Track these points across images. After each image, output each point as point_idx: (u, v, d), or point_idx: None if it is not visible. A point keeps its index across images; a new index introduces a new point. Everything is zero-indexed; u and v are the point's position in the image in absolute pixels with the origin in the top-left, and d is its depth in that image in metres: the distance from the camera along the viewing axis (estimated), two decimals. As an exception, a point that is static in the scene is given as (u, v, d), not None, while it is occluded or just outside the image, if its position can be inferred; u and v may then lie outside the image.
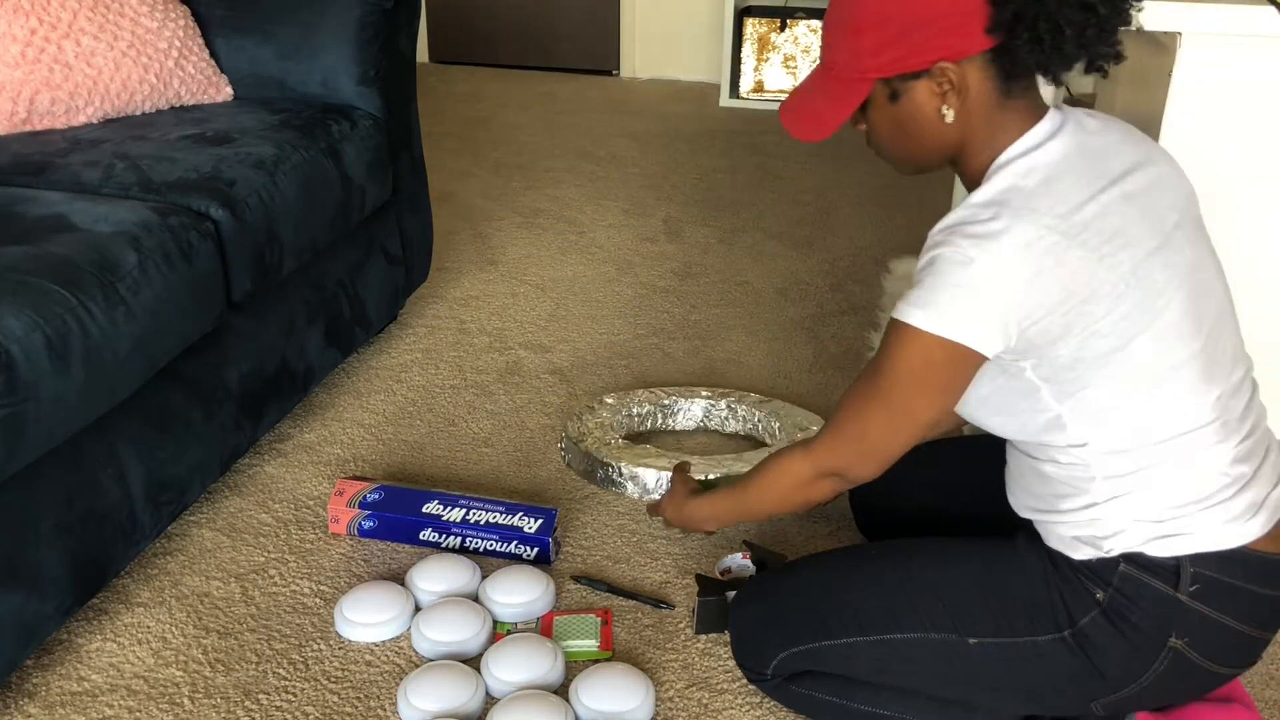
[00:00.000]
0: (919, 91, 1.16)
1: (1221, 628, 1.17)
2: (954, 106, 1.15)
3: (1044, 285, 1.09)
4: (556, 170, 3.48)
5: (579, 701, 1.41)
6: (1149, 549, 1.16)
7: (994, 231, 1.09)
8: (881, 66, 1.15)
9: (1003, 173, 1.14)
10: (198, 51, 2.11)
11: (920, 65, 1.14)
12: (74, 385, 1.39)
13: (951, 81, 1.13)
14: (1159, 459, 1.15)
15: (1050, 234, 1.09)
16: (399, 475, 1.93)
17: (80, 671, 1.50)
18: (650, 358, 2.34)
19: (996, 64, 1.13)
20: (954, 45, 1.12)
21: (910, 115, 1.18)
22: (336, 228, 2.02)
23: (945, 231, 1.13)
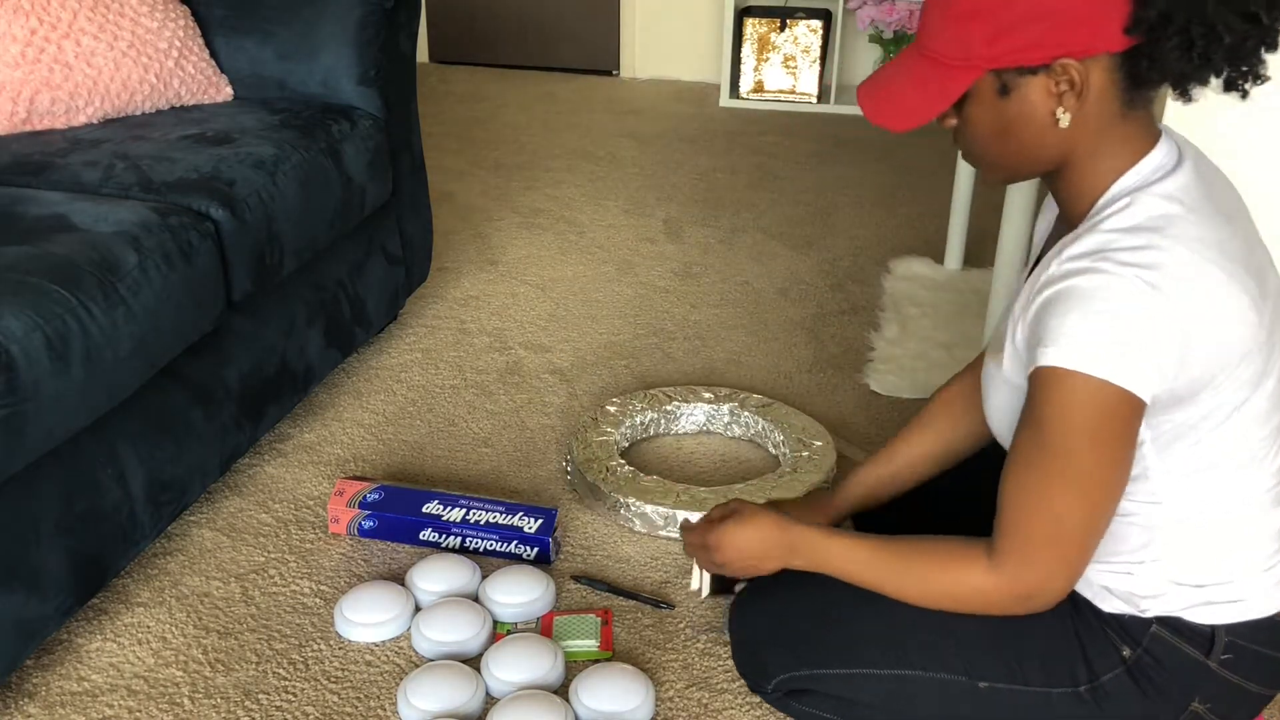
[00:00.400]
0: (1033, 89, 1.03)
1: (1244, 693, 1.16)
2: (1072, 110, 1.02)
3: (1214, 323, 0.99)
4: (556, 170, 3.48)
5: (579, 701, 1.41)
6: (1187, 615, 1.13)
7: (1154, 262, 0.97)
8: (996, 56, 1.01)
9: (1146, 198, 1.02)
10: (198, 51, 2.11)
11: (1041, 59, 1.00)
12: (74, 385, 1.39)
13: (1073, 81, 1.01)
14: (1220, 522, 1.11)
15: (1218, 269, 0.99)
16: (399, 475, 1.93)
17: (80, 671, 1.50)
18: (650, 358, 2.34)
19: (1126, 68, 1.01)
20: (1083, 41, 0.99)
21: (1019, 114, 1.05)
22: (336, 228, 2.02)
23: (1087, 256, 1.00)
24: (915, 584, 1.17)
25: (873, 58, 4.33)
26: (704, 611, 1.62)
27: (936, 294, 2.59)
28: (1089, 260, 1.00)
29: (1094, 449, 1.02)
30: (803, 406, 2.14)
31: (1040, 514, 1.05)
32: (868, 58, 4.36)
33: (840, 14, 4.11)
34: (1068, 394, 1.00)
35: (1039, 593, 1.09)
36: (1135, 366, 0.98)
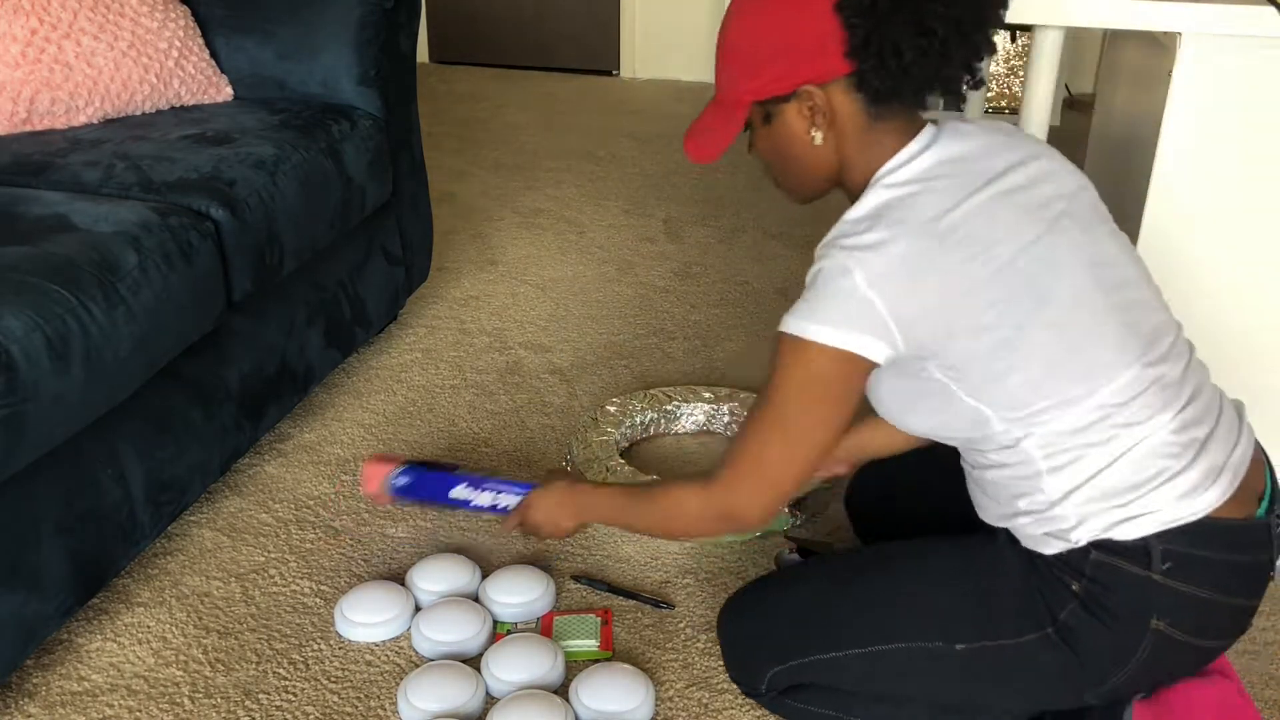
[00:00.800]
0: (789, 114, 1.21)
1: (1201, 602, 1.16)
2: (822, 128, 1.20)
3: (920, 290, 1.12)
4: (556, 170, 3.48)
5: (579, 701, 1.41)
6: (1115, 533, 1.16)
7: (869, 243, 1.13)
8: (754, 90, 1.21)
9: (875, 189, 1.17)
10: (198, 51, 2.11)
11: (786, 89, 1.19)
12: (74, 385, 1.39)
13: (816, 104, 1.18)
14: (1098, 440, 1.15)
15: (920, 241, 1.12)
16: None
17: (80, 671, 1.50)
18: (650, 358, 2.34)
19: (860, 84, 1.16)
20: (816, 70, 1.16)
21: (784, 137, 1.23)
22: (336, 228, 2.02)
23: (825, 246, 1.17)
24: (652, 515, 1.35)
25: (873, 58, 4.32)
26: (704, 611, 1.62)
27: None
28: (823, 247, 1.17)
29: (801, 401, 1.18)
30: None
31: (748, 449, 1.22)
32: (868, 58, 4.36)
33: (840, 14, 4.10)
34: (789, 356, 1.17)
35: (736, 514, 1.25)
36: (846, 332, 1.13)
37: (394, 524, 1.80)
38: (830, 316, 1.13)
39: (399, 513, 1.83)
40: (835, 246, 1.15)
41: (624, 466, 1.86)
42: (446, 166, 3.49)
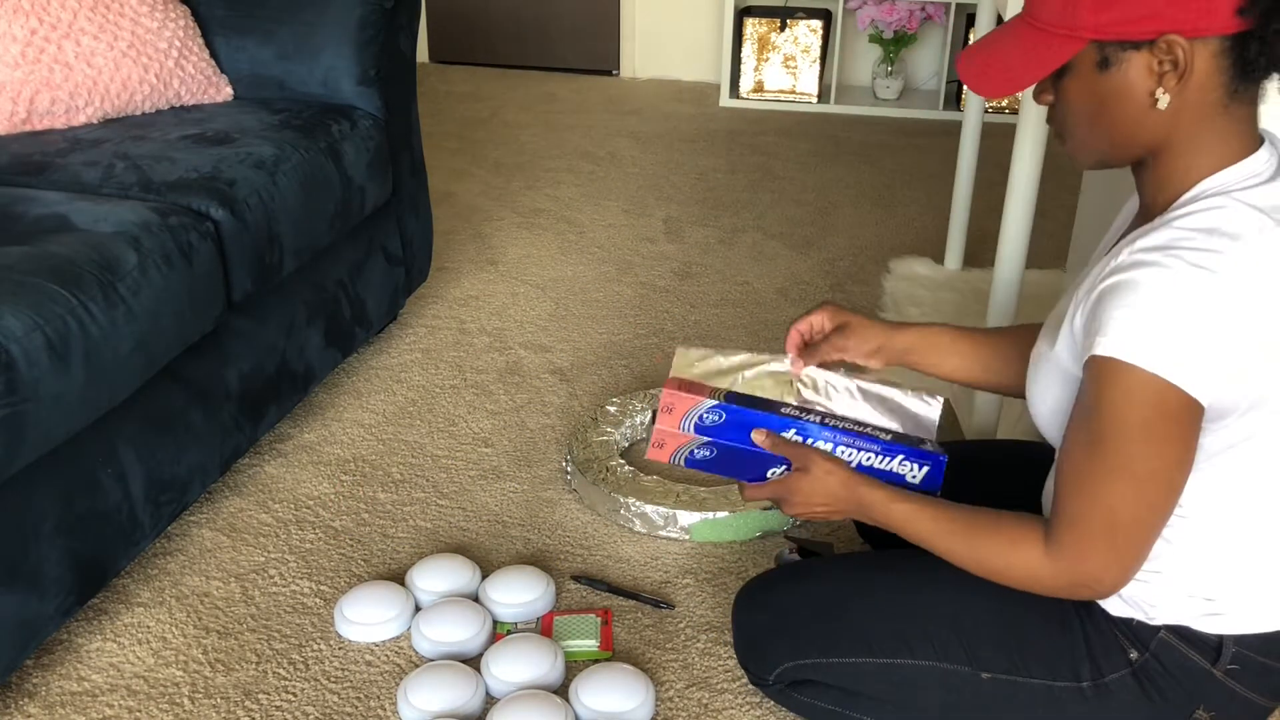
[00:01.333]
0: (1135, 65, 0.99)
1: (1248, 704, 1.16)
2: (1171, 91, 0.99)
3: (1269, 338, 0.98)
4: (556, 170, 3.48)
5: (579, 701, 1.41)
6: (1196, 624, 1.13)
7: (1222, 266, 0.95)
8: (1100, 26, 0.99)
9: (1233, 204, 0.99)
10: (198, 51, 2.11)
11: (1146, 34, 0.97)
12: (74, 385, 1.39)
13: (1177, 60, 0.97)
14: (1243, 539, 1.11)
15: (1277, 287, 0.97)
16: (393, 478, 1.93)
17: (80, 671, 1.50)
18: (650, 358, 2.34)
19: (1234, 55, 0.97)
20: (1193, 18, 0.95)
21: (1117, 91, 1.01)
22: (336, 228, 2.02)
23: (1155, 251, 0.97)
24: (971, 555, 1.15)
25: (873, 58, 4.33)
26: (704, 611, 1.62)
27: (936, 294, 2.59)
28: (1157, 254, 0.97)
29: (1148, 443, 1.00)
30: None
31: (1096, 506, 1.03)
32: (868, 58, 4.36)
33: (840, 14, 4.11)
34: (1120, 386, 0.98)
35: (1092, 583, 1.08)
36: (1188, 363, 0.96)
37: (394, 524, 1.81)
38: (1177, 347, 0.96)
39: (399, 512, 1.83)
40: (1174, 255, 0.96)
41: (624, 466, 1.86)
42: (446, 166, 3.49)
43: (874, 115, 4.14)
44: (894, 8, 4.02)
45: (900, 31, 4.08)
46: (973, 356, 1.40)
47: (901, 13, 4.02)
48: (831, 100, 4.18)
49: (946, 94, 4.19)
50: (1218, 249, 0.97)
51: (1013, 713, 1.23)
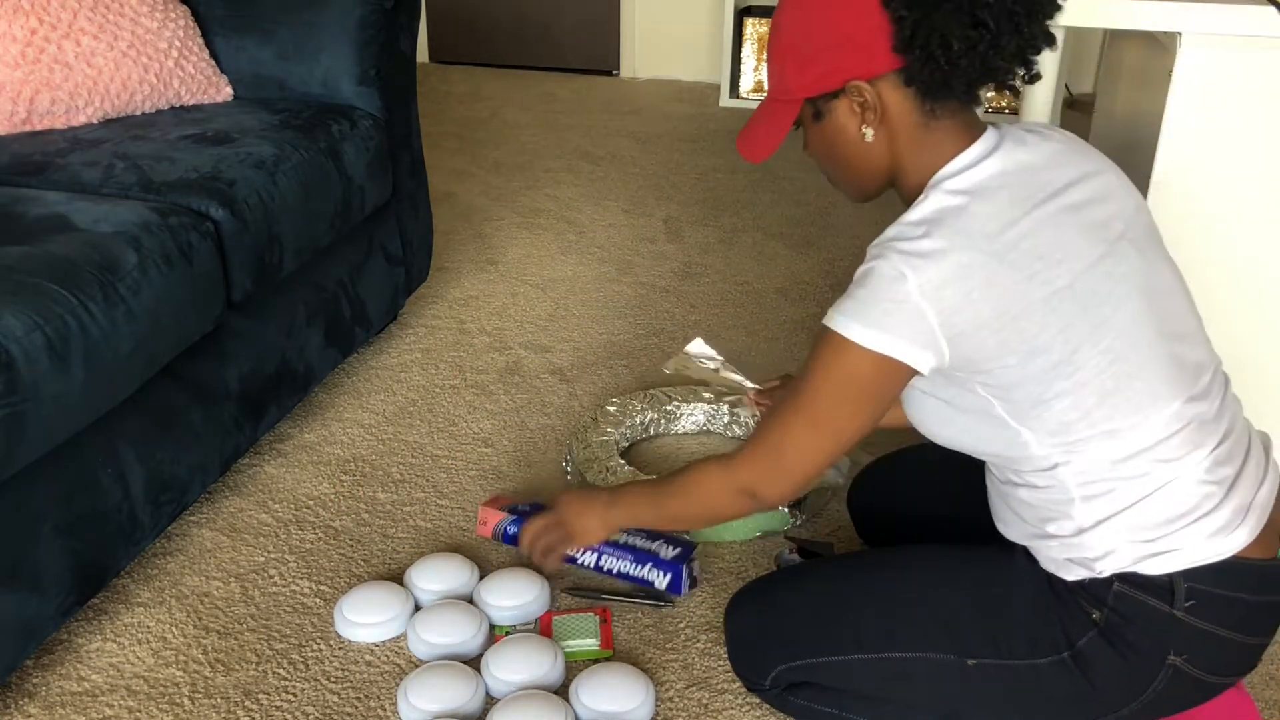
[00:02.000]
0: (840, 110, 1.19)
1: (1219, 640, 1.16)
2: (873, 125, 1.18)
3: (974, 305, 1.09)
4: (556, 170, 3.48)
5: (579, 701, 1.41)
6: (1141, 567, 1.15)
7: (924, 250, 1.10)
8: (805, 86, 1.19)
9: (935, 192, 1.14)
10: (198, 51, 2.11)
11: (835, 85, 1.17)
12: (74, 385, 1.39)
13: (866, 100, 1.16)
14: (1134, 474, 1.14)
15: (979, 254, 1.09)
16: (393, 478, 1.93)
17: (80, 671, 1.50)
18: (650, 358, 2.34)
19: (910, 81, 1.14)
20: (863, 64, 1.15)
21: (835, 134, 1.21)
22: (336, 228, 2.02)
23: (879, 246, 1.14)
24: (677, 499, 1.35)
25: (873, 58, 4.33)
26: (704, 611, 1.62)
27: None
28: (876, 246, 1.14)
29: (835, 398, 1.16)
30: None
31: (774, 431, 1.22)
32: (868, 58, 4.36)
33: (840, 14, 4.11)
34: (831, 353, 1.15)
35: (754, 490, 1.25)
36: (892, 339, 1.10)
37: (394, 524, 1.81)
38: (878, 321, 1.11)
39: (399, 512, 1.83)
40: (890, 248, 1.12)
41: (624, 467, 1.85)
42: (446, 166, 3.49)
43: (874, 115, 4.13)
44: (894, 8, 4.02)
45: (900, 31, 4.08)
46: None
47: (901, 13, 4.02)
48: (831, 100, 4.17)
49: (946, 94, 4.19)
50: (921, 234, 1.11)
51: (1004, 697, 1.24)
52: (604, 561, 1.65)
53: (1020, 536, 1.25)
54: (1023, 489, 1.21)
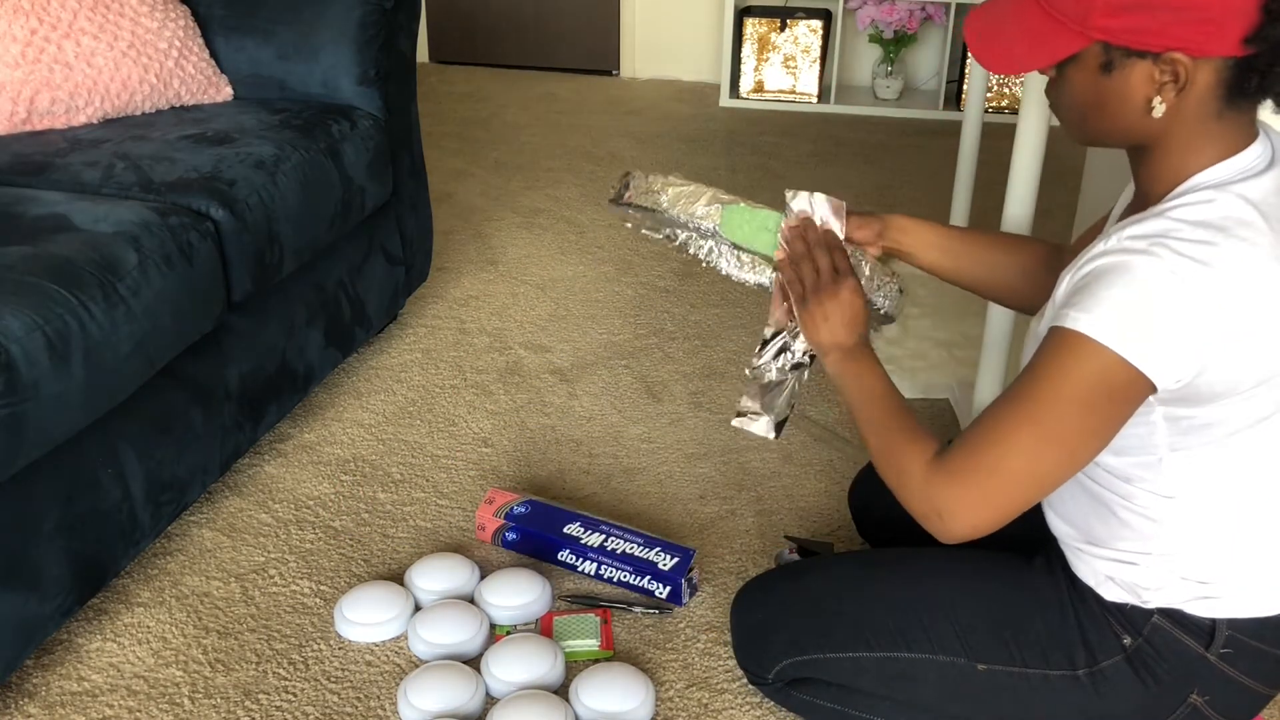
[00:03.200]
0: (1137, 72, 1.01)
1: (1243, 689, 1.16)
2: (1169, 102, 1.02)
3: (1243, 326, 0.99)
4: (556, 170, 3.48)
5: (579, 701, 1.41)
6: (1189, 607, 1.14)
7: (1210, 258, 0.97)
8: (1111, 30, 1.00)
9: (1226, 196, 1.01)
10: (198, 51, 2.11)
11: (1154, 47, 0.99)
12: (74, 385, 1.39)
13: (1178, 76, 1.00)
14: (1235, 521, 1.12)
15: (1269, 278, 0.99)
16: (393, 478, 1.93)
17: (80, 671, 1.50)
18: (650, 358, 2.34)
19: (1234, 76, 1.00)
20: (1202, 40, 0.98)
21: (1116, 93, 1.04)
22: (336, 228, 2.02)
23: (1145, 238, 0.99)
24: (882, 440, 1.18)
25: (873, 58, 4.33)
26: (704, 611, 1.62)
27: (936, 294, 2.59)
28: (1147, 242, 0.99)
29: (1079, 412, 1.01)
30: (803, 407, 2.14)
31: (995, 447, 1.05)
32: (868, 58, 4.36)
33: (840, 14, 4.11)
34: (1079, 358, 1.00)
35: (949, 515, 1.08)
36: (1153, 350, 0.98)
37: (394, 524, 1.81)
38: (1143, 327, 0.97)
39: (399, 512, 1.83)
40: (1162, 245, 0.98)
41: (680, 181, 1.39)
42: (446, 166, 3.49)
43: (874, 115, 4.14)
44: (894, 8, 4.02)
45: (900, 31, 4.08)
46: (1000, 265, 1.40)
47: (901, 13, 4.02)
48: (831, 100, 4.18)
49: (946, 94, 4.19)
50: (1207, 240, 0.98)
51: (1010, 703, 1.24)
52: (604, 571, 1.66)
53: (1071, 537, 1.21)
54: (1118, 501, 1.14)
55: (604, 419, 2.11)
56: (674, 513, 1.85)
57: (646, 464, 1.98)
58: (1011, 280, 1.39)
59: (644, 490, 1.91)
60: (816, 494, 1.89)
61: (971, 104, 2.45)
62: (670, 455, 2.01)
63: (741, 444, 2.05)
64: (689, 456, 2.01)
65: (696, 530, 1.80)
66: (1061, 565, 1.24)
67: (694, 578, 1.64)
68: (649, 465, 1.98)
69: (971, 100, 2.45)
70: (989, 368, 1.89)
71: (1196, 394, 1.03)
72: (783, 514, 1.84)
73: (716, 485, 1.92)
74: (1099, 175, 2.43)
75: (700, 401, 2.18)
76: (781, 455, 2.00)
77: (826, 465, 1.98)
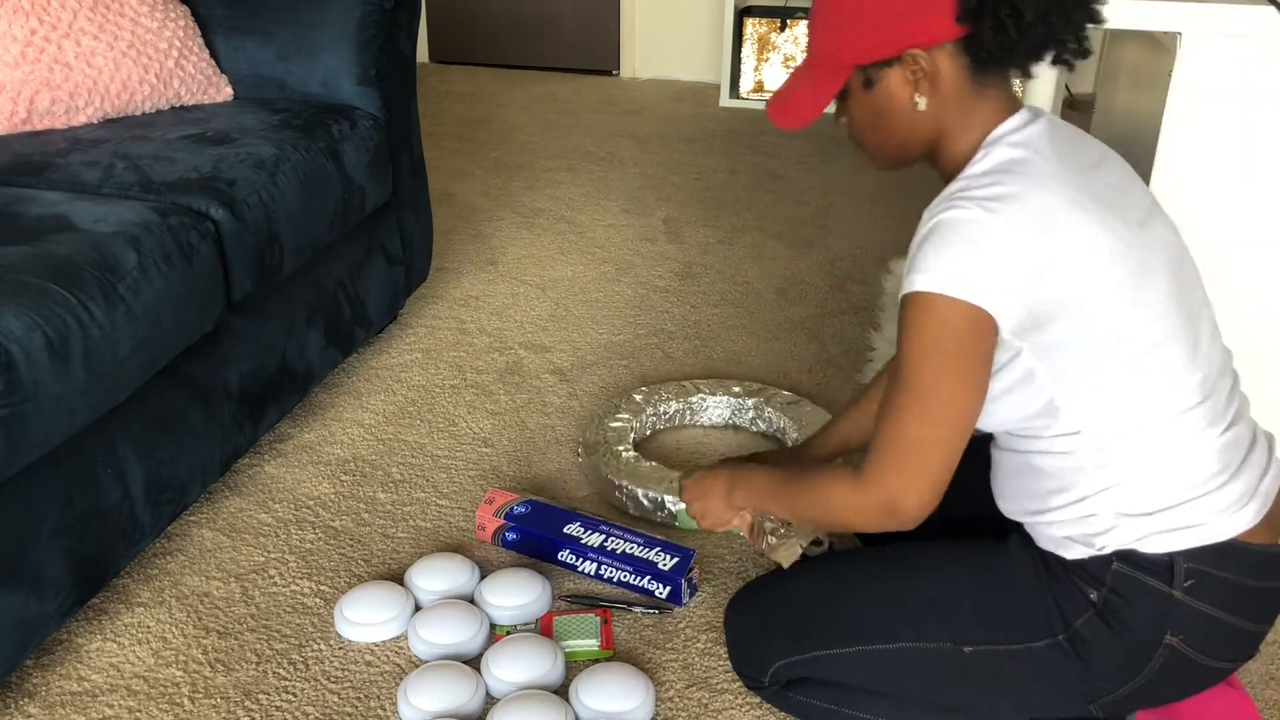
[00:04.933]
0: (892, 79, 1.17)
1: (1217, 623, 1.16)
2: (926, 94, 1.16)
3: (1054, 245, 1.09)
4: (556, 170, 3.48)
5: (579, 701, 1.41)
6: (1142, 545, 1.16)
7: (1001, 194, 1.09)
8: (857, 54, 1.17)
9: (997, 147, 1.15)
10: (198, 51, 2.11)
11: (892, 52, 1.15)
12: (74, 385, 1.39)
13: (923, 69, 1.15)
14: (1148, 444, 1.15)
15: (1057, 197, 1.10)
16: (393, 478, 1.93)
17: (80, 671, 1.50)
18: (650, 358, 2.34)
19: (968, 52, 1.14)
20: (925, 32, 1.13)
21: (885, 103, 1.19)
22: (336, 228, 2.02)
23: (945, 200, 1.12)
24: (809, 504, 1.27)
25: (873, 58, 4.33)
26: (704, 612, 1.62)
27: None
28: (947, 202, 1.11)
29: (935, 364, 1.10)
30: (803, 406, 2.14)
31: (889, 433, 1.15)
32: (868, 58, 4.36)
33: (840, 14, 4.11)
34: (918, 314, 1.10)
35: (895, 506, 1.15)
36: (978, 282, 1.08)
37: (394, 524, 1.81)
38: (962, 268, 1.08)
39: (399, 512, 1.83)
40: (959, 197, 1.11)
41: (629, 452, 1.87)
42: (446, 166, 3.49)
43: (874, 115, 4.13)
44: (894, 8, 4.01)
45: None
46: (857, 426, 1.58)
47: (901, 13, 4.02)
48: (831, 100, 4.17)
49: (946, 94, 4.19)
50: (995, 181, 1.11)
51: (1002, 681, 1.25)
52: (604, 571, 1.66)
53: (1021, 513, 1.25)
54: (1037, 456, 1.20)
55: (604, 419, 2.11)
56: (674, 513, 1.85)
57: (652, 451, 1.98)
58: None
59: (644, 490, 1.91)
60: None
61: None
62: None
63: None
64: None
65: (696, 530, 1.80)
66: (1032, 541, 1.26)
67: (694, 578, 1.64)
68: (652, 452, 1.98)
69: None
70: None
71: (1039, 318, 1.10)
72: (783, 514, 1.84)
73: (716, 485, 1.92)
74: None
75: (700, 401, 2.18)
76: (781, 455, 2.00)
77: (826, 465, 1.98)
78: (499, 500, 1.76)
